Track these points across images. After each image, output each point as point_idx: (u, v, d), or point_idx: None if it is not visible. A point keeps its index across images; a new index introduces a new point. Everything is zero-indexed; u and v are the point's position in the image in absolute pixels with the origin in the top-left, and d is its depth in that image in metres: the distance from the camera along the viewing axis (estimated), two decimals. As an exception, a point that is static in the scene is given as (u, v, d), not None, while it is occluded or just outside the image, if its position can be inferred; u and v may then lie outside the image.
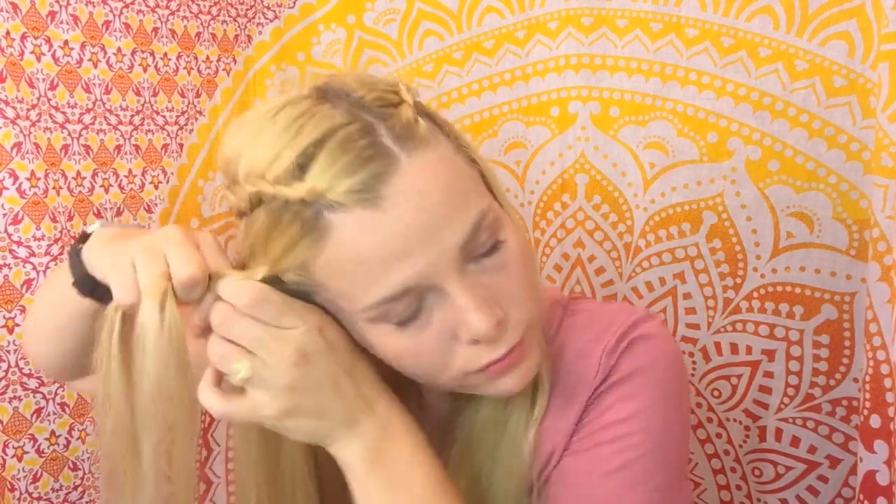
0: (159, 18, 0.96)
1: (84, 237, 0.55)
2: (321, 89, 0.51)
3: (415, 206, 0.46)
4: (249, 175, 0.48)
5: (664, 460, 0.55)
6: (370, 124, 0.47)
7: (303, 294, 0.50)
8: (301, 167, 0.46)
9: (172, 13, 0.98)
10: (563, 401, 0.58)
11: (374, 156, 0.46)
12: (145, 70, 0.95)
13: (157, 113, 0.97)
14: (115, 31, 0.91)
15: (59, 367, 0.61)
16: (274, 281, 0.49)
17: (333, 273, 0.48)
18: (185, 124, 1.01)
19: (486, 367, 0.50)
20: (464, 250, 0.48)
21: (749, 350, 0.93)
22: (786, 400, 0.92)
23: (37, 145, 0.82)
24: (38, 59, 0.83)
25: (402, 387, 0.56)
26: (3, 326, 0.80)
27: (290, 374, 0.48)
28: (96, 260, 0.51)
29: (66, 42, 0.86)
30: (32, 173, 0.81)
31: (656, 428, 0.55)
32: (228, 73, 1.07)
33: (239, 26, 1.07)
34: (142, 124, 0.95)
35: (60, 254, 0.84)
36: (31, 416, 0.83)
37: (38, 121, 0.83)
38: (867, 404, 0.74)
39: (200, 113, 1.03)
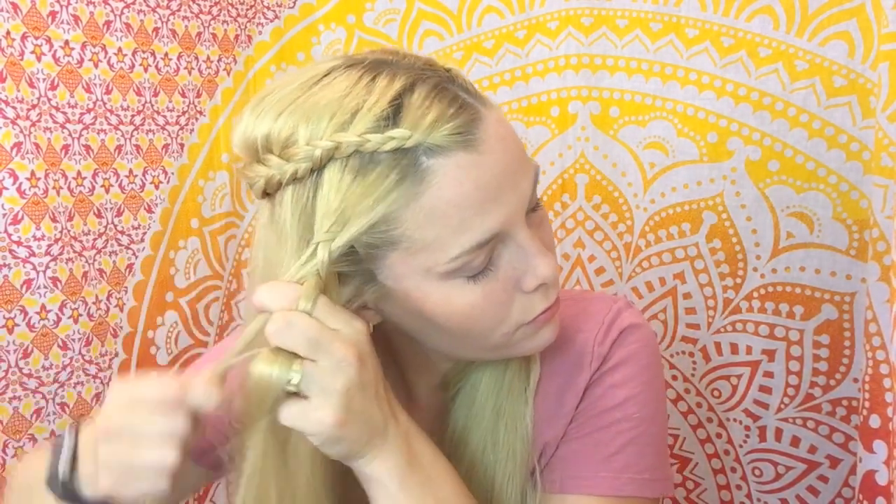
0: (160, 18, 0.96)
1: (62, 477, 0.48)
2: (356, 58, 0.50)
3: (503, 150, 0.48)
4: (318, 133, 0.46)
5: (652, 441, 0.58)
6: (443, 80, 0.48)
7: (366, 260, 0.48)
8: (392, 116, 0.46)
9: (173, 13, 0.98)
10: (557, 390, 0.59)
11: (463, 103, 0.47)
12: (146, 70, 0.95)
13: (158, 113, 0.97)
14: (115, 31, 0.91)
15: None
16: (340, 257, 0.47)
17: (426, 221, 0.47)
18: (186, 124, 1.01)
19: (537, 317, 0.52)
20: (529, 200, 0.50)
21: (749, 350, 0.93)
22: (786, 400, 0.92)
23: (37, 145, 0.82)
24: (39, 59, 0.83)
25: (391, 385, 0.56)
26: (3, 326, 0.80)
27: (347, 376, 0.46)
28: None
29: (66, 42, 0.86)
30: (32, 173, 0.81)
31: (646, 411, 0.58)
32: (229, 73, 1.07)
33: (239, 26, 1.07)
34: (142, 124, 0.95)
35: (60, 254, 0.84)
36: (31, 416, 0.83)
37: (39, 121, 0.83)
38: (866, 404, 0.74)
39: (201, 113, 1.04)
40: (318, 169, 0.46)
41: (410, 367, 0.61)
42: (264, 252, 0.51)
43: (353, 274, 0.49)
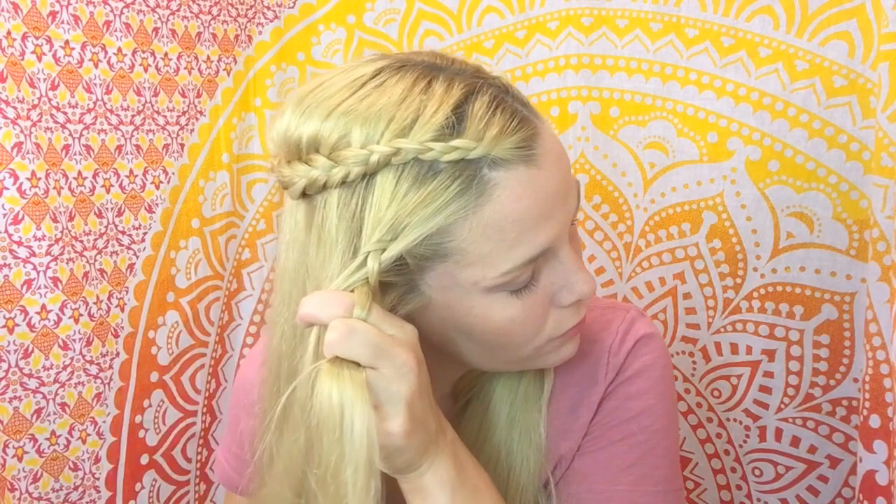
0: (160, 18, 0.96)
1: None
2: (404, 59, 0.48)
3: (558, 167, 0.48)
4: (374, 137, 0.44)
5: (665, 452, 0.58)
6: (500, 90, 0.48)
7: (414, 270, 0.47)
8: (455, 125, 0.45)
9: (173, 13, 0.98)
10: (571, 401, 0.59)
11: (523, 117, 0.47)
12: (146, 70, 0.95)
13: (158, 113, 0.97)
14: (115, 30, 0.91)
15: None
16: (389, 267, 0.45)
17: (482, 235, 0.45)
18: (186, 124, 1.01)
19: (567, 332, 0.52)
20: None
21: (749, 350, 0.93)
22: (786, 400, 0.92)
23: (37, 145, 0.82)
24: (39, 59, 0.83)
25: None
26: (3, 326, 0.80)
27: (409, 382, 0.44)
28: None
29: (66, 42, 0.86)
30: (33, 173, 0.81)
31: (660, 424, 0.58)
32: (229, 73, 1.07)
33: (239, 26, 1.07)
34: (143, 124, 0.95)
35: (61, 254, 0.84)
36: (32, 416, 0.83)
37: (39, 121, 0.83)
38: (867, 404, 0.74)
39: (201, 113, 1.04)
40: (370, 174, 0.45)
41: None
42: (298, 255, 0.49)
43: (397, 283, 0.48)
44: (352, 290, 0.45)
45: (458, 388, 0.61)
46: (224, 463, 0.68)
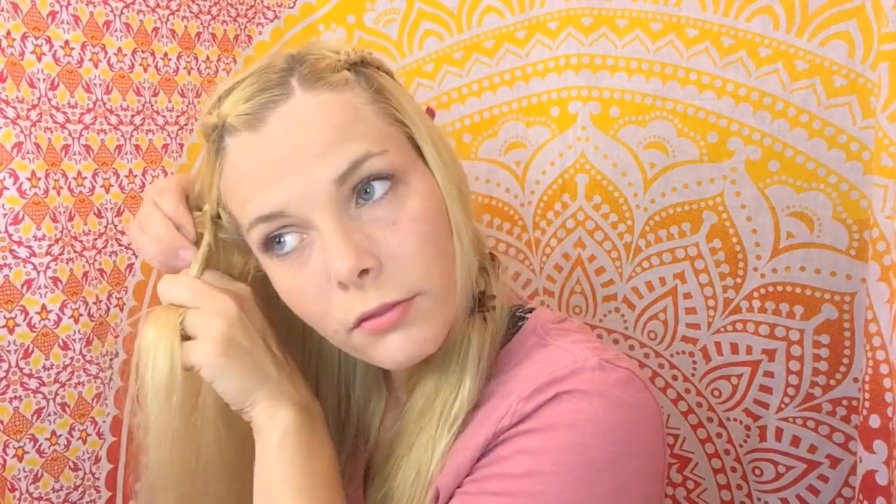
0: (159, 18, 0.96)
1: None
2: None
3: (292, 135, 0.50)
4: (205, 108, 0.55)
5: None
6: (289, 67, 0.53)
7: (238, 232, 0.56)
8: (220, 99, 0.53)
9: (173, 13, 0.98)
10: (471, 434, 0.53)
11: (272, 87, 0.51)
12: (146, 70, 0.95)
13: (158, 113, 0.97)
14: (115, 31, 0.91)
15: None
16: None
17: (229, 195, 0.54)
18: (186, 124, 1.01)
19: (361, 322, 0.49)
20: (340, 189, 0.49)
21: (749, 350, 0.93)
22: (786, 400, 0.92)
23: (37, 145, 0.82)
24: (39, 59, 0.83)
25: (373, 371, 0.63)
26: (3, 326, 0.80)
27: (226, 314, 0.52)
28: None
29: (66, 42, 0.86)
30: (33, 173, 0.81)
31: (551, 499, 0.46)
32: (228, 74, 1.07)
33: (239, 26, 1.07)
34: (142, 124, 0.95)
35: (61, 254, 0.84)
36: (32, 416, 0.83)
37: (39, 121, 0.83)
38: (866, 404, 0.74)
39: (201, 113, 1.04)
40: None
41: None
42: None
43: (244, 245, 0.56)
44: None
45: (410, 385, 0.58)
46: None
